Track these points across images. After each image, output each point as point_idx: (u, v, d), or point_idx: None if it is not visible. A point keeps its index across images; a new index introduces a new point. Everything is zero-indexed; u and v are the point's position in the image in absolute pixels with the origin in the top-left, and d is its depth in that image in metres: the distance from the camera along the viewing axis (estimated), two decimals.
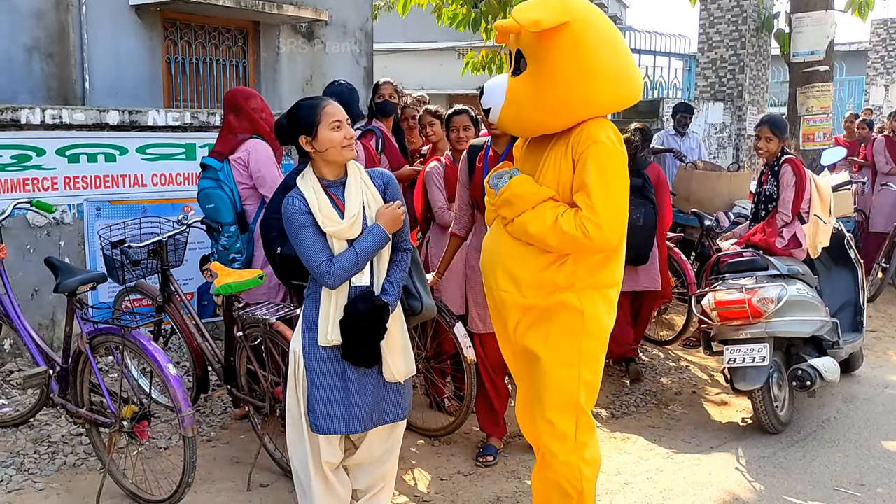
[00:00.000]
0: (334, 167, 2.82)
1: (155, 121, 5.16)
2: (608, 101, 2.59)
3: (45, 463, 3.73)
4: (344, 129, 2.76)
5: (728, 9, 9.88)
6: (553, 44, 2.50)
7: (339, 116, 2.76)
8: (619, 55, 2.58)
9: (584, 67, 2.49)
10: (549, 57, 2.52)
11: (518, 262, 2.66)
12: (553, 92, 2.53)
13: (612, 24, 2.63)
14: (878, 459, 4.02)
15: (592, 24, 2.52)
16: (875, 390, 5.07)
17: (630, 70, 2.64)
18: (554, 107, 2.54)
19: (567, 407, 2.67)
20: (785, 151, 4.78)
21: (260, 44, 8.08)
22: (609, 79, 2.53)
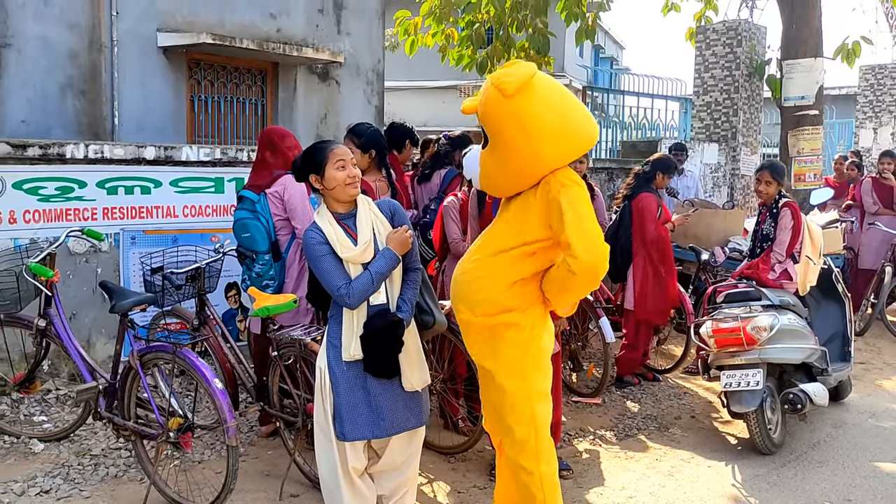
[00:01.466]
0: (343, 201, 3.16)
1: (188, 156, 5.50)
2: (559, 157, 2.91)
3: (89, 474, 4.01)
4: (348, 168, 3.10)
5: (722, 55, 10.34)
6: (499, 119, 2.90)
7: (345, 157, 3.10)
8: (564, 113, 2.88)
9: (528, 134, 2.84)
10: (499, 131, 2.92)
11: (474, 288, 3.04)
12: (509, 159, 2.93)
13: (556, 85, 2.96)
14: (865, 478, 4.31)
15: (532, 94, 2.83)
16: (863, 417, 5.37)
17: (576, 124, 2.92)
18: (514, 171, 2.94)
19: (524, 418, 3.01)
20: (783, 195, 5.15)
21: (278, 83, 8.49)
22: (555, 138, 2.86)
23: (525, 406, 3.01)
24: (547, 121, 2.85)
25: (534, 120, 2.83)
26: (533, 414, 3.01)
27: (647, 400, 5.62)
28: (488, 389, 3.14)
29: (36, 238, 4.78)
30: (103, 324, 5.14)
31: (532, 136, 2.84)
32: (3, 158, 4.72)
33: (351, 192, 3.12)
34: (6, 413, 4.61)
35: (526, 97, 2.83)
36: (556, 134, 2.86)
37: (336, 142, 3.25)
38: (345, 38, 9.02)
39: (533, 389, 3.02)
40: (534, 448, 3.01)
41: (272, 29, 8.27)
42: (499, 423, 3.12)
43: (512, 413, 3.03)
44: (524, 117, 2.83)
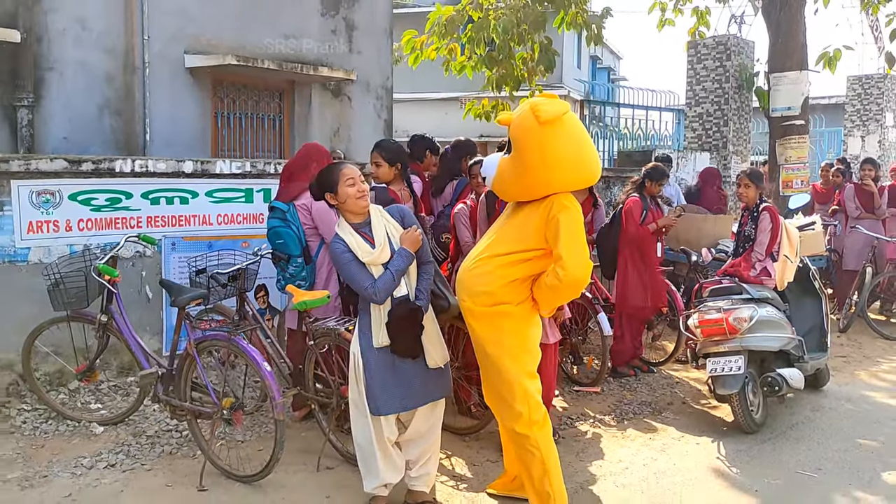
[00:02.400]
0: (356, 213, 3.71)
1: (221, 169, 6.05)
2: (566, 184, 3.48)
3: (148, 451, 4.53)
4: (357, 184, 3.66)
5: (712, 68, 10.90)
6: (526, 139, 3.46)
7: (353, 175, 3.68)
8: (579, 151, 3.45)
9: (546, 160, 3.41)
10: (523, 149, 3.48)
11: (477, 283, 3.58)
12: (524, 175, 3.49)
13: (580, 126, 3.54)
14: (836, 452, 4.83)
15: (560, 127, 3.40)
16: (839, 402, 5.89)
17: (587, 159, 3.49)
18: (525, 185, 3.51)
19: (517, 393, 3.53)
20: (763, 199, 5.70)
21: (294, 100, 9.04)
22: (567, 169, 3.44)
23: (518, 382, 3.54)
24: (565, 153, 3.40)
25: (555, 150, 3.39)
26: (525, 389, 3.54)
27: (642, 389, 6.14)
28: (488, 370, 3.68)
29: (89, 245, 5.34)
30: (147, 321, 5.67)
31: (549, 163, 3.40)
32: (60, 173, 5.26)
33: (362, 204, 3.68)
34: (66, 401, 5.14)
35: (555, 129, 3.38)
36: (569, 166, 3.43)
37: (344, 162, 3.83)
38: (356, 57, 9.57)
39: (524, 369, 3.57)
40: (527, 417, 3.54)
41: (289, 49, 8.83)
42: (498, 399, 3.66)
43: (508, 389, 3.56)
44: (547, 145, 3.39)
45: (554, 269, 3.38)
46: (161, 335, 5.79)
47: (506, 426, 3.63)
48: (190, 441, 4.63)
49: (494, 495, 4.08)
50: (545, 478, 3.49)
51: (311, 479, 4.26)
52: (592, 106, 11.60)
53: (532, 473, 3.52)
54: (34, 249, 5.16)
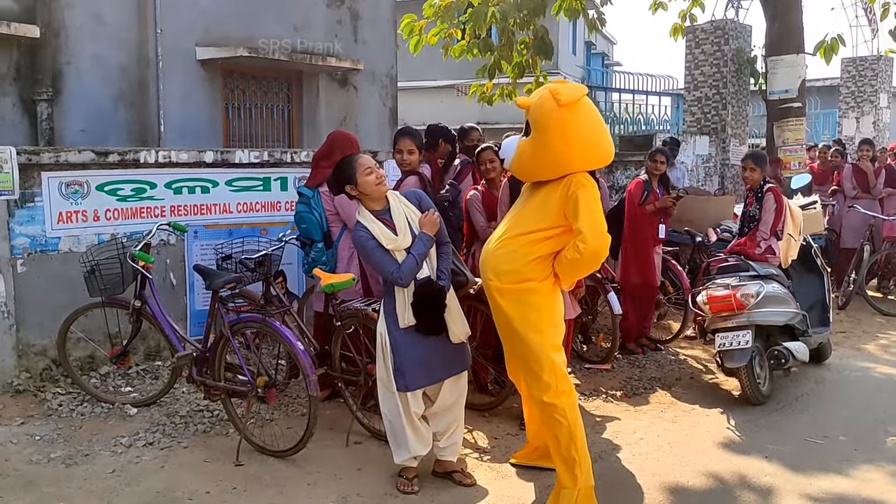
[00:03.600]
0: (377, 200, 3.86)
1: (240, 159, 6.21)
2: (582, 164, 3.67)
3: (182, 429, 4.72)
4: (374, 172, 3.82)
5: (710, 52, 11.08)
6: (546, 121, 3.65)
7: (370, 164, 3.83)
8: (594, 132, 3.67)
9: (565, 140, 3.60)
10: (543, 130, 3.66)
11: (502, 261, 3.75)
12: (543, 154, 3.68)
13: (594, 110, 3.75)
14: (841, 420, 5.05)
15: (578, 110, 3.62)
16: (841, 374, 6.11)
17: (602, 141, 3.71)
18: (543, 164, 3.70)
19: (545, 364, 3.71)
20: (767, 181, 5.90)
21: (302, 90, 9.19)
22: (584, 149, 3.64)
23: (545, 355, 3.72)
24: (582, 134, 3.61)
25: (573, 131, 3.59)
26: (552, 361, 3.72)
27: (650, 365, 6.35)
28: (514, 344, 3.85)
29: (116, 234, 5.51)
30: (172, 307, 5.82)
31: (568, 142, 3.59)
32: (88, 164, 5.42)
33: (382, 190, 3.83)
34: (98, 385, 5.33)
35: (573, 111, 3.59)
36: (586, 146, 3.63)
37: (358, 154, 4.00)
38: (361, 47, 9.72)
39: (549, 342, 3.75)
40: (555, 387, 3.72)
41: (296, 41, 8.98)
42: (525, 371, 3.85)
43: (536, 361, 3.74)
44: (567, 126, 3.59)
45: (574, 244, 3.55)
46: (185, 321, 5.96)
47: (534, 397, 3.81)
48: (222, 420, 4.83)
49: (517, 465, 4.28)
50: (571, 444, 3.68)
51: (340, 454, 4.46)
52: (593, 91, 11.76)
53: (560, 441, 3.72)
54: (64, 239, 5.32)
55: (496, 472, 4.25)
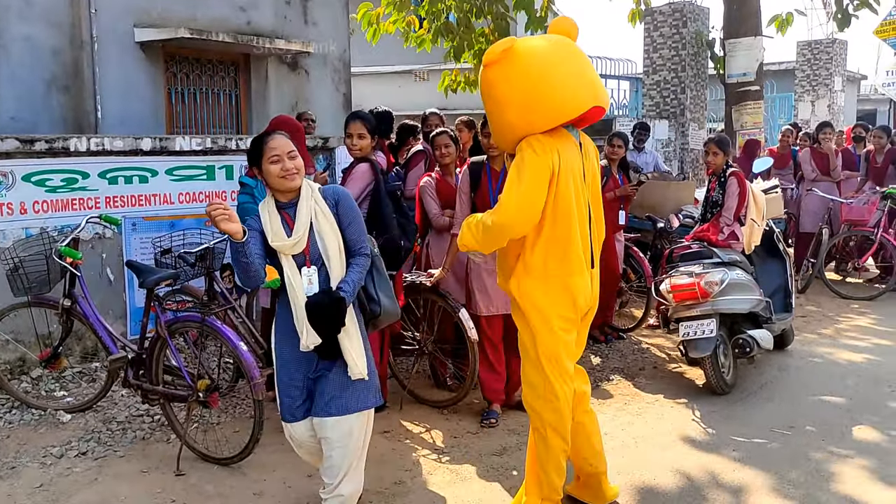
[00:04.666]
0: (282, 191, 3.10)
1: (181, 146, 5.86)
2: (525, 124, 3.16)
3: (119, 437, 4.41)
4: (283, 161, 3.01)
5: (669, 36, 10.95)
6: (481, 87, 3.31)
7: (279, 151, 3.02)
8: (537, 84, 3.08)
9: (496, 102, 3.23)
10: (483, 97, 3.32)
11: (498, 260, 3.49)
12: (491, 122, 3.39)
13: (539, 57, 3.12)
14: (806, 408, 4.94)
15: (505, 65, 3.12)
16: (804, 361, 6.02)
17: (547, 95, 3.09)
18: (496, 132, 3.41)
19: (535, 365, 3.35)
20: (730, 165, 5.74)
21: (251, 74, 8.80)
22: (519, 107, 3.14)
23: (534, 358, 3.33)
24: (514, 90, 3.12)
25: (501, 89, 3.18)
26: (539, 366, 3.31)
27: (613, 355, 6.19)
28: None
29: (45, 227, 5.14)
30: (110, 305, 5.50)
31: (499, 104, 3.21)
32: (12, 153, 5.03)
33: (287, 184, 3.05)
34: (29, 390, 4.97)
35: (499, 68, 3.15)
36: (521, 104, 3.12)
37: (273, 133, 3.14)
38: (312, 28, 9.35)
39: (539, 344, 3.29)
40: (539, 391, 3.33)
41: (242, 21, 8.58)
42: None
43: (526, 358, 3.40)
44: (494, 86, 3.21)
45: (488, 213, 3.24)
46: (125, 319, 5.63)
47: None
48: (163, 425, 4.53)
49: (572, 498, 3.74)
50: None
51: (289, 459, 4.18)
52: None
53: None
54: None
55: (455, 475, 4.03)
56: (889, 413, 4.85)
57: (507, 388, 4.91)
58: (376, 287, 3.30)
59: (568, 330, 3.32)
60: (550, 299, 3.27)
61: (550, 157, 3.13)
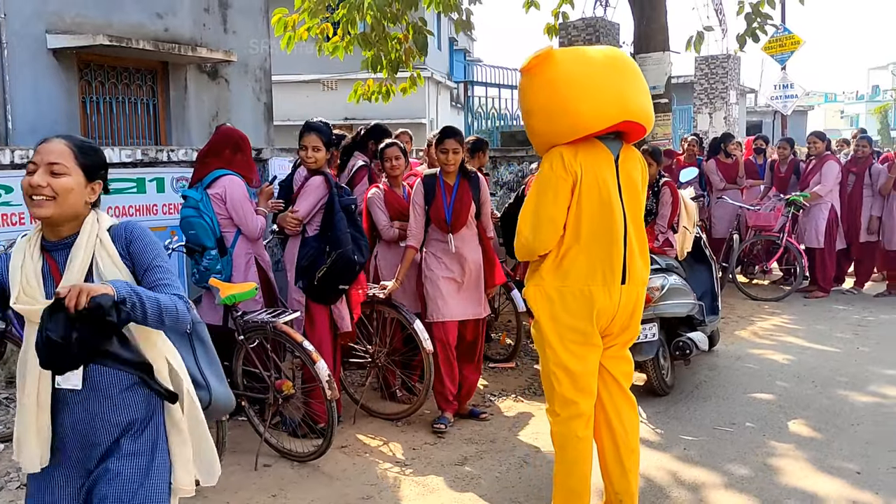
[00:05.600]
0: (48, 225, 2.16)
1: (110, 157, 5.61)
2: (549, 134, 3.21)
3: None
4: (37, 175, 2.08)
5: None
6: (518, 92, 3.38)
7: (36, 158, 2.11)
8: (564, 96, 3.10)
9: (524, 109, 3.34)
10: (519, 101, 3.39)
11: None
12: (525, 126, 3.41)
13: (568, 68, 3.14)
14: (742, 406, 5.19)
15: (538, 74, 3.18)
16: (731, 360, 6.33)
17: (570, 107, 3.10)
18: (529, 136, 3.39)
19: (546, 375, 3.42)
20: (662, 175, 5.98)
21: (169, 83, 8.53)
22: (544, 116, 3.20)
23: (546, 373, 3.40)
24: (541, 99, 3.18)
25: (531, 97, 3.24)
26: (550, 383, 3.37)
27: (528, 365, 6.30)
28: None
29: None
30: None
31: (526, 111, 3.30)
32: None
33: (34, 211, 2.08)
34: None
35: (531, 77, 3.20)
36: (543, 113, 3.18)
37: (54, 137, 2.18)
38: (231, 37, 9.16)
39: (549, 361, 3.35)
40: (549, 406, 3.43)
41: (160, 29, 8.31)
42: None
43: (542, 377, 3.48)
44: (525, 94, 3.28)
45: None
46: None
47: None
48: None
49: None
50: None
51: (250, 479, 4.09)
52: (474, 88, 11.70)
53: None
54: None
55: (423, 487, 4.02)
56: (818, 408, 5.16)
57: (459, 396, 4.96)
58: (200, 366, 2.36)
59: (582, 343, 3.29)
60: (565, 311, 3.26)
61: (570, 172, 3.15)
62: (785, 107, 16.17)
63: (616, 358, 3.48)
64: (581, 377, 3.31)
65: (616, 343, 3.45)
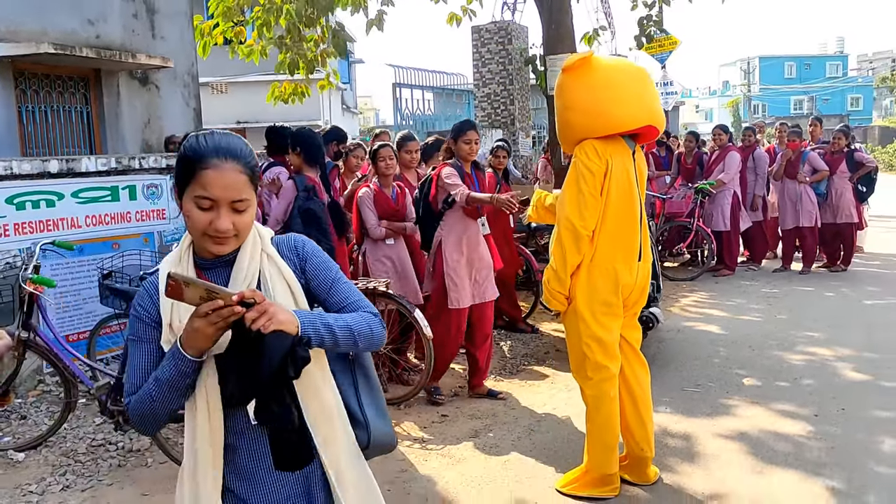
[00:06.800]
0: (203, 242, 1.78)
1: (87, 167, 5.63)
2: (584, 129, 3.61)
3: (94, 467, 4.26)
4: (222, 220, 1.70)
5: (496, 52, 11.87)
6: (556, 89, 3.77)
7: (215, 192, 1.69)
8: (603, 96, 3.54)
9: (564, 104, 3.72)
10: (555, 97, 3.79)
11: None
12: (557, 120, 3.78)
13: (609, 73, 3.57)
14: (698, 370, 5.85)
15: (580, 74, 3.59)
16: (672, 333, 7.01)
17: (610, 107, 3.53)
18: (559, 131, 3.80)
19: (576, 346, 3.83)
20: None
21: (102, 90, 8.39)
22: (583, 113, 3.59)
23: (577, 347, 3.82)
24: (581, 98, 3.59)
25: (571, 94, 3.64)
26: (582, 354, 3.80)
27: (515, 344, 6.80)
28: None
29: None
30: None
31: (567, 106, 3.66)
32: None
33: (214, 249, 1.74)
34: None
35: (574, 75, 3.61)
36: (585, 109, 3.57)
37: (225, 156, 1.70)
38: (160, 42, 9.09)
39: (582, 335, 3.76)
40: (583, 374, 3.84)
41: (92, 35, 8.18)
42: None
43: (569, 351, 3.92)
44: (566, 90, 3.67)
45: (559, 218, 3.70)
46: None
47: None
48: (134, 451, 4.44)
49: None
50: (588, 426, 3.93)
51: None
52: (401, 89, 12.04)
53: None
54: None
55: (450, 458, 4.38)
56: (761, 367, 5.88)
57: (479, 376, 5.37)
58: (360, 400, 1.98)
59: (609, 315, 3.75)
60: (595, 287, 3.71)
61: (602, 161, 3.58)
62: (667, 103, 17.44)
63: (629, 327, 3.98)
64: (610, 345, 3.79)
65: (630, 313, 3.94)
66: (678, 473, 4.08)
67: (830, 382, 5.45)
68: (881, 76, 55.12)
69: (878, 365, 5.78)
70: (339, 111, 28.27)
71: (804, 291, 8.71)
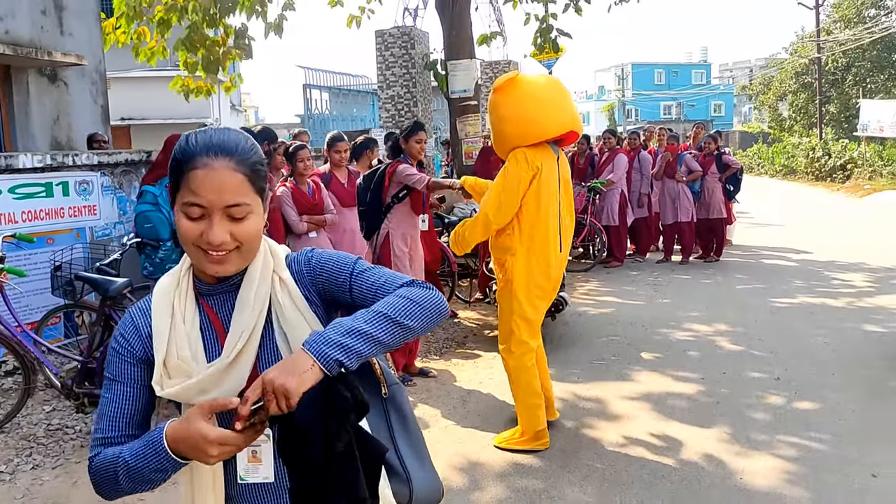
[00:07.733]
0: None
1: (24, 163, 5.73)
2: (517, 137, 4.19)
3: (58, 448, 4.47)
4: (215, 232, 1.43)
5: (399, 56, 12.38)
6: (489, 106, 4.36)
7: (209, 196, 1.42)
8: (527, 108, 4.12)
9: (499, 118, 4.29)
10: (489, 113, 4.37)
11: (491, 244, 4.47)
12: (493, 132, 4.36)
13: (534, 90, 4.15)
14: (601, 347, 6.57)
15: (508, 92, 4.22)
16: (574, 316, 7.75)
17: (539, 118, 4.11)
18: (495, 144, 4.39)
19: (506, 328, 4.42)
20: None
21: (12, 88, 8.32)
22: (515, 123, 4.24)
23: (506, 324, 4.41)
24: (512, 111, 4.17)
25: (503, 109, 4.20)
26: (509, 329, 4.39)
27: (436, 330, 7.34)
28: None
29: None
30: None
31: (501, 119, 4.22)
32: None
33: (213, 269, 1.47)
34: None
35: (504, 93, 4.19)
36: (516, 121, 4.16)
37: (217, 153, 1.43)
38: (69, 39, 9.06)
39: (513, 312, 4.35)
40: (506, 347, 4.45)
41: (1, 31, 8.11)
42: None
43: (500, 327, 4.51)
44: (498, 107, 4.23)
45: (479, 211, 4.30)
46: None
47: None
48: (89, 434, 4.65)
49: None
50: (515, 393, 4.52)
51: None
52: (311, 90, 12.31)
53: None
54: None
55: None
56: (655, 343, 6.68)
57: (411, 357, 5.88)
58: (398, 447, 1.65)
59: (542, 297, 4.38)
60: (532, 272, 4.32)
61: (531, 166, 4.18)
62: None
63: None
64: (535, 324, 4.45)
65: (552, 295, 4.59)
66: (596, 429, 4.74)
67: (712, 353, 6.29)
68: (741, 84, 59.39)
69: (750, 337, 6.70)
70: (227, 109, 27.93)
71: (684, 279, 9.71)
